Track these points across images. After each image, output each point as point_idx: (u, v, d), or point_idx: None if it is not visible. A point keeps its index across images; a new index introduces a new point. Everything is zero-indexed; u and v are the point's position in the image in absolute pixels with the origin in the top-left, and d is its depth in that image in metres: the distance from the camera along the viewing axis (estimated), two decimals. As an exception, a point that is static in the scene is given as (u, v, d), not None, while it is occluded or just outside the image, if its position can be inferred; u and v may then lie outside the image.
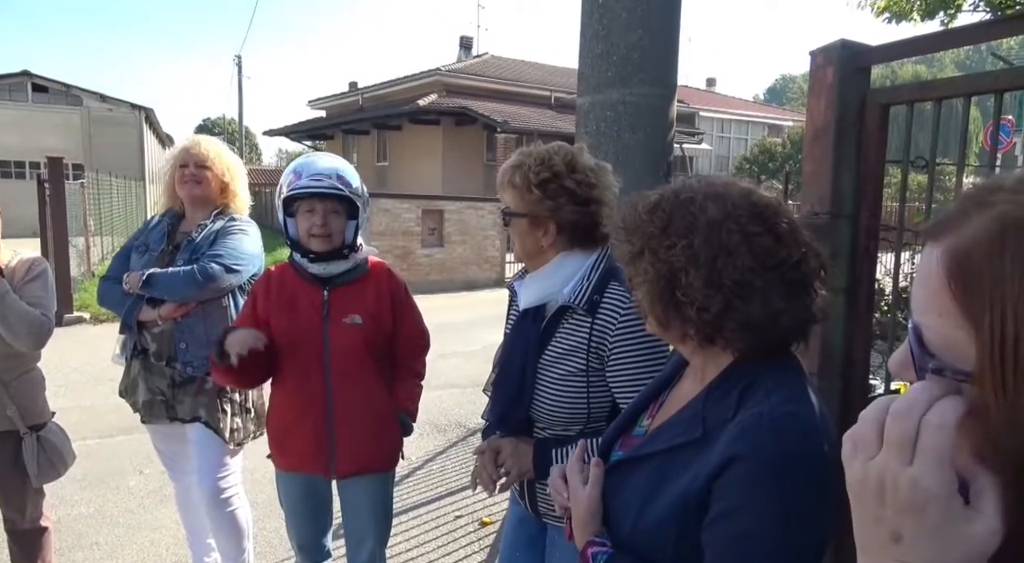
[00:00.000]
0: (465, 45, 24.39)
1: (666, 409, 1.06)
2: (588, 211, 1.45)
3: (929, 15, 4.39)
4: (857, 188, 1.73)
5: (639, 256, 0.96)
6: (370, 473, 2.06)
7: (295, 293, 2.02)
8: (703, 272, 0.88)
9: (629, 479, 0.99)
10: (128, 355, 2.41)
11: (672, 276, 0.91)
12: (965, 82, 1.45)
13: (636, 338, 1.38)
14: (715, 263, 0.88)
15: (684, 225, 0.91)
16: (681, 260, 0.90)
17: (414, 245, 11.85)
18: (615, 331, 1.39)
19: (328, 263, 1.99)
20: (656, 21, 2.40)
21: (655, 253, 0.93)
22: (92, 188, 11.66)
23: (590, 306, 1.42)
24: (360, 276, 2.05)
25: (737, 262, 0.87)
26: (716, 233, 0.89)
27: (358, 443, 2.00)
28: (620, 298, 1.40)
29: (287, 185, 1.94)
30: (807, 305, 0.90)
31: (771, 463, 0.82)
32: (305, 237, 1.95)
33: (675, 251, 0.90)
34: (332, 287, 2.01)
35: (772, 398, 0.87)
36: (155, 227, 2.48)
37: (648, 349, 1.39)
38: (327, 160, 2.00)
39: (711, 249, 0.88)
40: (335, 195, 1.94)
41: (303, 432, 2.00)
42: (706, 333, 0.91)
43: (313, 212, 1.93)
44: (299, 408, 2.00)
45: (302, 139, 26.03)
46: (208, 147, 2.45)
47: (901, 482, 0.46)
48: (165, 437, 2.52)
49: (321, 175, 1.93)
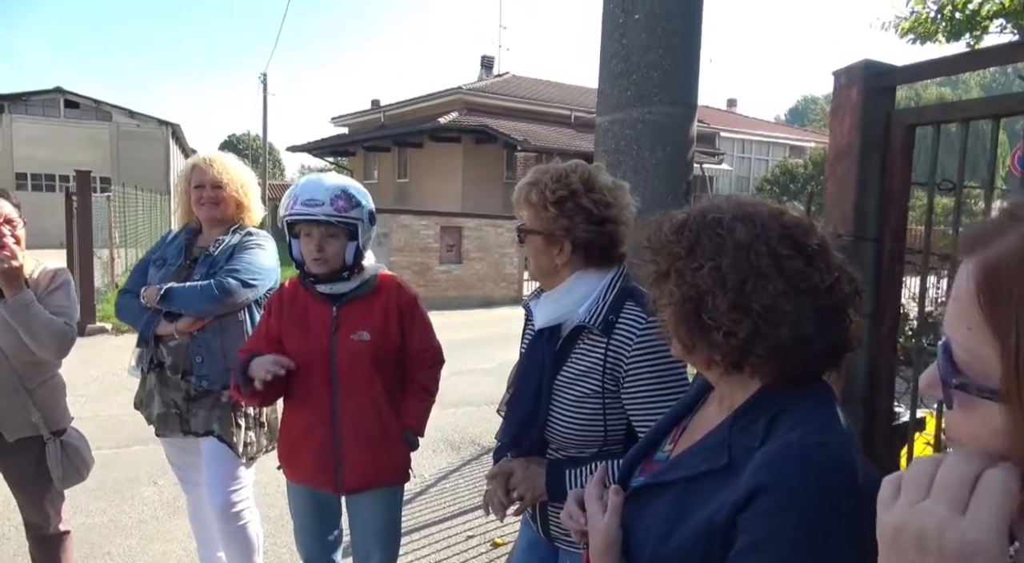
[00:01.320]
0: (486, 64, 24.62)
1: (689, 435, 1.03)
2: (604, 230, 1.43)
3: (955, 36, 4.33)
4: (881, 210, 1.70)
5: (664, 277, 0.93)
6: (377, 488, 2.05)
7: (306, 309, 2.03)
8: (731, 296, 0.85)
9: (650, 506, 0.95)
10: (144, 368, 2.42)
11: (699, 299, 0.88)
12: (993, 103, 1.42)
13: (652, 360, 1.36)
14: (743, 287, 0.85)
15: (711, 246, 0.88)
16: (708, 283, 0.87)
17: (432, 261, 11.89)
18: (631, 352, 1.37)
19: (333, 284, 2.00)
20: (677, 41, 2.40)
21: (681, 275, 0.90)
22: (118, 201, 11.88)
23: (605, 326, 1.40)
24: (369, 292, 2.05)
25: (767, 286, 0.84)
26: (744, 255, 0.86)
27: (364, 458, 1.99)
28: (636, 318, 1.38)
29: (286, 209, 1.94)
30: (840, 332, 0.87)
31: (799, 495, 0.78)
32: (308, 261, 1.97)
33: (702, 273, 0.87)
34: (341, 304, 2.01)
35: (802, 427, 0.83)
36: (173, 241, 2.51)
37: (665, 372, 1.36)
38: (324, 183, 1.96)
39: (739, 272, 0.86)
40: (318, 221, 1.92)
41: (310, 447, 2.00)
42: (733, 359, 0.88)
43: (310, 237, 1.94)
44: (307, 423, 2.01)
45: (324, 155, 26.35)
46: (223, 167, 2.44)
47: (950, 532, 0.44)
48: (178, 449, 2.53)
49: (314, 202, 1.91)
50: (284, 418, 2.12)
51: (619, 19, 2.44)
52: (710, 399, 1.05)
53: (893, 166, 1.67)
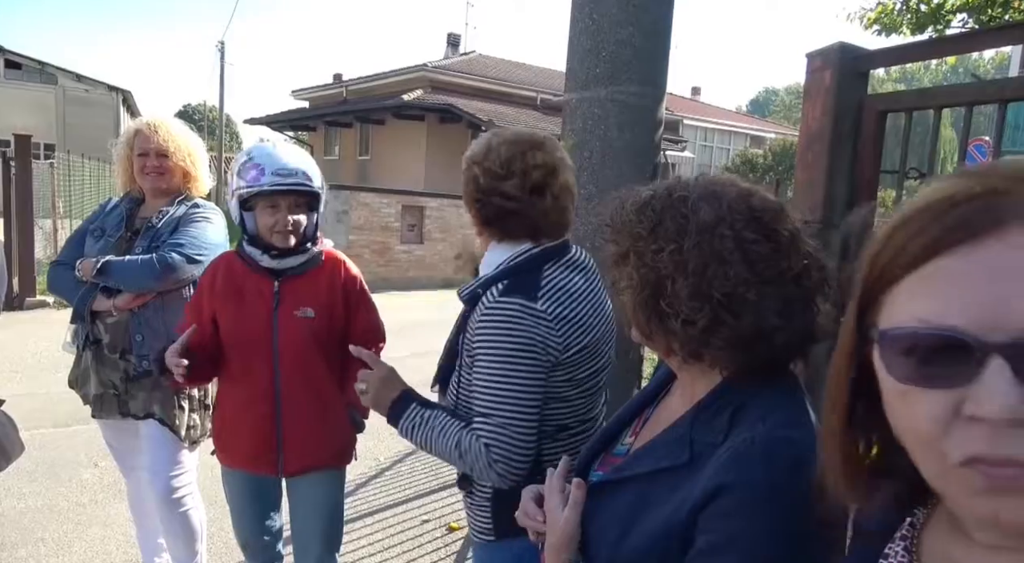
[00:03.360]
0: (453, 42, 24.22)
1: (651, 427, 0.98)
2: (489, 202, 1.36)
3: (920, 29, 4.40)
4: (851, 197, 1.67)
5: (624, 259, 0.87)
6: (319, 470, 1.98)
7: (243, 283, 1.92)
8: (691, 281, 0.80)
9: (609, 503, 0.90)
10: (79, 345, 2.27)
11: (658, 283, 0.82)
12: (968, 90, 1.40)
13: (485, 344, 1.28)
14: (705, 272, 0.79)
15: (674, 227, 0.82)
16: (668, 266, 0.81)
17: (393, 241, 11.70)
18: (474, 331, 1.31)
19: (282, 258, 1.90)
20: (648, 18, 2.33)
21: (641, 257, 0.84)
22: (63, 169, 11.33)
23: (471, 298, 1.36)
24: (313, 268, 1.97)
25: (729, 272, 0.79)
26: (708, 238, 0.80)
27: (307, 439, 1.92)
28: (489, 296, 1.31)
29: (248, 179, 1.82)
30: (807, 323, 0.82)
31: (761, 494, 0.74)
32: (267, 233, 1.86)
33: (662, 256, 0.81)
34: (284, 278, 1.92)
35: (766, 422, 0.79)
36: (112, 211, 2.35)
37: (496, 359, 1.26)
38: (287, 151, 1.90)
39: (701, 256, 0.80)
40: (299, 191, 1.85)
41: (249, 428, 1.91)
42: (691, 348, 0.83)
43: (276, 208, 1.84)
44: (246, 403, 1.91)
45: (284, 129, 25.63)
46: (168, 135, 2.29)
47: None
48: (116, 432, 2.39)
49: (287, 170, 1.82)
50: (220, 399, 2.00)
51: (590, -7, 2.36)
52: (673, 389, 1.00)
53: (864, 153, 1.64)
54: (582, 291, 1.37)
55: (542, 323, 1.27)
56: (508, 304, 1.27)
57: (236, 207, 1.87)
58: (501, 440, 1.25)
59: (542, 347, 1.26)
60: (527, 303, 1.27)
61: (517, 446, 1.25)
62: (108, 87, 24.57)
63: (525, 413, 1.26)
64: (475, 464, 1.26)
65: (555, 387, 1.31)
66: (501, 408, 1.25)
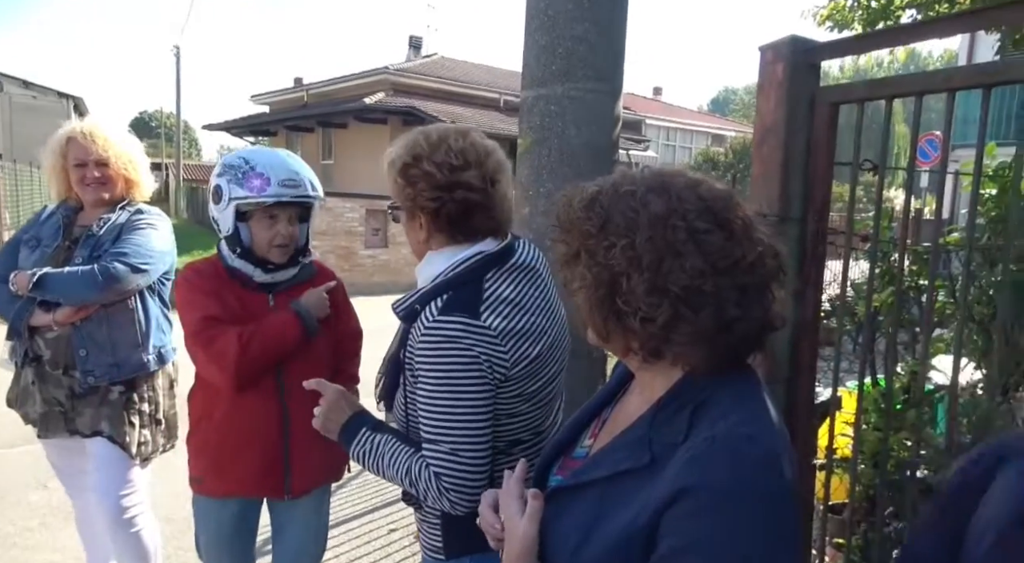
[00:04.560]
0: (414, 45, 24.06)
1: (610, 428, 0.95)
2: (451, 197, 1.25)
3: (870, 24, 4.51)
4: (806, 190, 1.67)
5: (575, 258, 0.84)
6: (317, 487, 1.91)
7: (239, 301, 1.78)
8: (646, 276, 0.77)
9: (568, 509, 0.87)
10: (18, 361, 2.16)
11: (612, 281, 0.79)
12: (918, 80, 1.40)
13: (427, 364, 1.19)
14: (660, 266, 0.77)
15: (624, 222, 0.79)
16: (622, 263, 0.78)
17: (357, 245, 11.57)
18: (414, 351, 1.21)
19: (278, 271, 1.81)
20: (603, 14, 2.31)
21: (592, 255, 0.81)
22: (9, 179, 10.95)
23: (408, 314, 1.25)
24: (306, 280, 1.88)
25: (685, 264, 0.76)
26: (660, 231, 0.77)
27: (314, 457, 1.82)
28: (428, 315, 1.21)
29: (252, 189, 1.69)
30: (764, 310, 0.80)
31: (724, 495, 0.71)
32: (265, 247, 1.76)
33: (614, 252, 0.78)
34: (277, 292, 1.82)
35: (727, 419, 0.76)
36: (48, 219, 2.23)
37: (439, 381, 1.17)
38: (295, 161, 1.81)
39: (655, 250, 0.77)
40: (298, 202, 1.76)
41: (253, 452, 1.79)
42: (652, 347, 0.80)
43: (275, 220, 1.75)
44: (249, 426, 1.78)
45: (244, 134, 25.17)
46: (107, 143, 2.17)
47: None
48: (62, 451, 2.28)
49: (294, 181, 1.73)
50: (216, 425, 1.81)
51: (544, -11, 2.33)
52: (631, 389, 0.97)
53: (818, 145, 1.64)
54: (530, 298, 1.28)
55: (486, 340, 1.18)
56: (448, 323, 1.18)
57: (231, 217, 1.74)
58: (451, 468, 1.17)
59: (487, 366, 1.18)
60: (469, 320, 1.18)
61: (468, 473, 1.18)
62: (58, 94, 23.73)
63: (474, 437, 1.18)
64: (427, 493, 1.20)
65: (505, 403, 1.24)
66: (448, 434, 1.17)
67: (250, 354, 1.68)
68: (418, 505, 1.35)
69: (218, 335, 1.70)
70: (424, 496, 1.21)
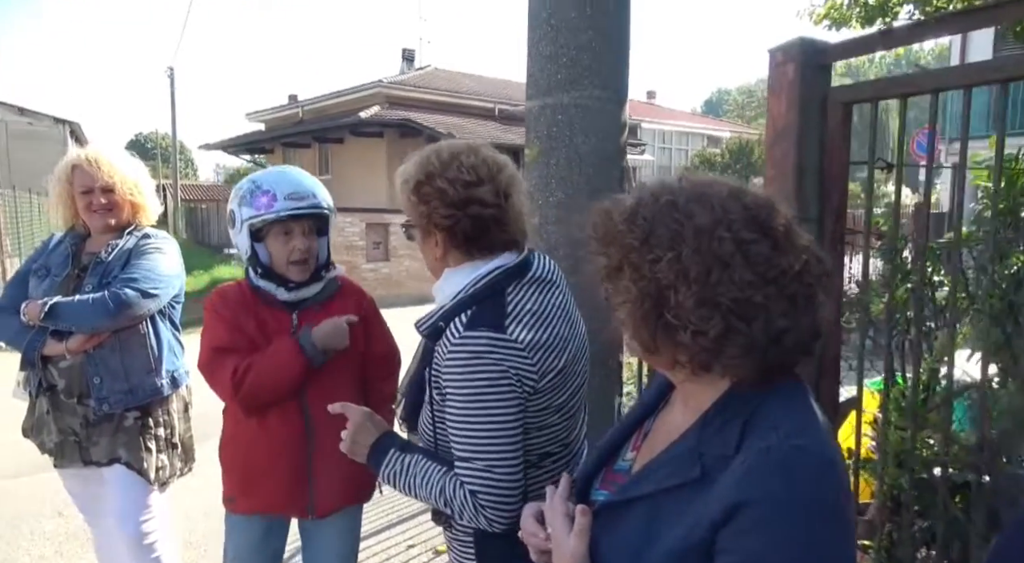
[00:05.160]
0: (408, 57, 24.13)
1: (652, 441, 0.93)
2: (466, 213, 1.24)
3: (869, 22, 4.52)
4: (821, 190, 1.67)
5: (617, 272, 0.82)
6: (344, 508, 1.89)
7: (263, 321, 1.78)
8: (695, 289, 0.75)
9: (617, 525, 0.85)
10: (32, 392, 2.14)
11: (659, 295, 0.78)
12: (933, 77, 1.40)
13: (457, 381, 1.18)
14: (708, 278, 0.75)
15: (668, 235, 0.78)
16: (669, 277, 0.77)
17: (359, 260, 11.57)
18: (443, 368, 1.20)
19: (299, 289, 1.80)
20: (606, 21, 2.31)
21: (637, 269, 0.79)
22: (8, 206, 10.96)
23: (432, 332, 1.24)
24: (330, 296, 1.87)
25: (733, 276, 0.75)
26: (706, 243, 0.76)
27: (339, 477, 1.81)
28: (454, 331, 1.20)
29: (261, 207, 1.71)
30: (812, 318, 0.78)
31: (782, 508, 0.70)
32: (283, 264, 1.76)
33: (660, 266, 0.77)
34: (301, 310, 1.81)
35: (778, 430, 0.75)
36: (56, 248, 2.22)
37: (470, 397, 1.17)
38: (299, 174, 1.81)
39: (702, 262, 0.76)
40: (311, 214, 1.76)
41: (279, 470, 1.79)
42: (702, 360, 0.78)
43: (290, 235, 1.75)
44: (275, 444, 1.78)
45: (240, 153, 25.20)
46: (112, 168, 2.16)
47: None
48: (80, 480, 2.26)
49: (299, 194, 1.74)
50: (243, 445, 1.83)
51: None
52: (672, 400, 0.96)
53: (832, 145, 1.64)
54: (552, 309, 1.27)
55: (514, 353, 1.17)
56: (475, 338, 1.17)
57: (247, 238, 1.75)
58: (487, 485, 1.16)
59: (517, 380, 1.17)
60: (495, 334, 1.17)
61: (504, 489, 1.16)
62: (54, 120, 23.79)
63: (508, 453, 1.17)
64: (463, 511, 1.18)
65: (534, 416, 1.22)
66: (482, 451, 1.16)
67: (244, 389, 1.69)
68: (448, 524, 1.33)
69: (218, 368, 1.72)
70: (460, 514, 1.20)
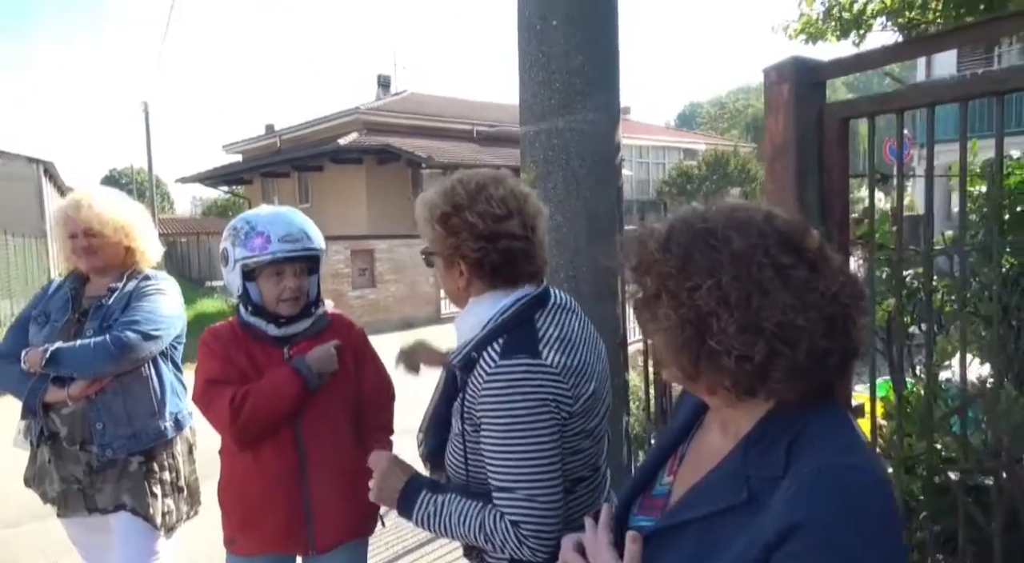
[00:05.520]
0: (383, 83, 24.28)
1: (690, 464, 0.94)
2: (496, 247, 1.25)
3: (844, 35, 4.65)
4: (822, 204, 1.70)
5: (655, 300, 0.83)
6: (347, 542, 1.87)
7: (253, 356, 1.81)
8: (737, 315, 0.76)
9: (667, 551, 0.85)
10: (33, 440, 2.10)
11: (700, 322, 0.79)
12: (928, 91, 1.44)
13: (496, 410, 1.17)
14: (749, 303, 0.76)
15: (706, 262, 0.79)
16: (710, 303, 0.77)
17: (345, 287, 11.50)
18: (479, 398, 1.20)
19: (289, 325, 1.83)
20: (597, 46, 2.36)
21: (675, 296, 0.80)
22: (-15, 248, 10.75)
23: (465, 363, 1.25)
24: (321, 331, 1.89)
25: (775, 300, 0.76)
26: (745, 269, 0.77)
27: (337, 511, 1.82)
28: (489, 360, 1.20)
29: (256, 249, 1.74)
30: (850, 339, 0.80)
31: (837, 528, 0.70)
32: (273, 302, 1.79)
33: (700, 293, 0.78)
34: (292, 345, 1.83)
35: (826, 450, 0.76)
36: (56, 293, 2.19)
37: (510, 425, 1.16)
38: (293, 216, 1.85)
39: (742, 288, 0.76)
40: (301, 255, 1.79)
41: (276, 505, 1.79)
42: (747, 384, 0.79)
43: (282, 276, 1.78)
44: (271, 482, 1.79)
45: (218, 184, 25.11)
46: (91, 212, 2.13)
47: None
48: (84, 529, 2.21)
49: (293, 236, 1.78)
50: (239, 483, 1.83)
51: (536, 26, 2.37)
52: (707, 423, 0.96)
53: (830, 160, 1.67)
54: (577, 335, 1.28)
55: (551, 379, 1.18)
56: (512, 366, 1.17)
57: (238, 277, 1.78)
58: (529, 514, 1.15)
59: (555, 405, 1.17)
60: (532, 360, 1.18)
61: (547, 517, 1.16)
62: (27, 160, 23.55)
63: (549, 479, 1.17)
64: (504, 544, 1.17)
65: (569, 441, 1.23)
66: (524, 479, 1.16)
67: (243, 415, 1.70)
68: (481, 559, 1.32)
69: (214, 398, 1.74)
70: (501, 548, 1.19)
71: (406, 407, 2.07)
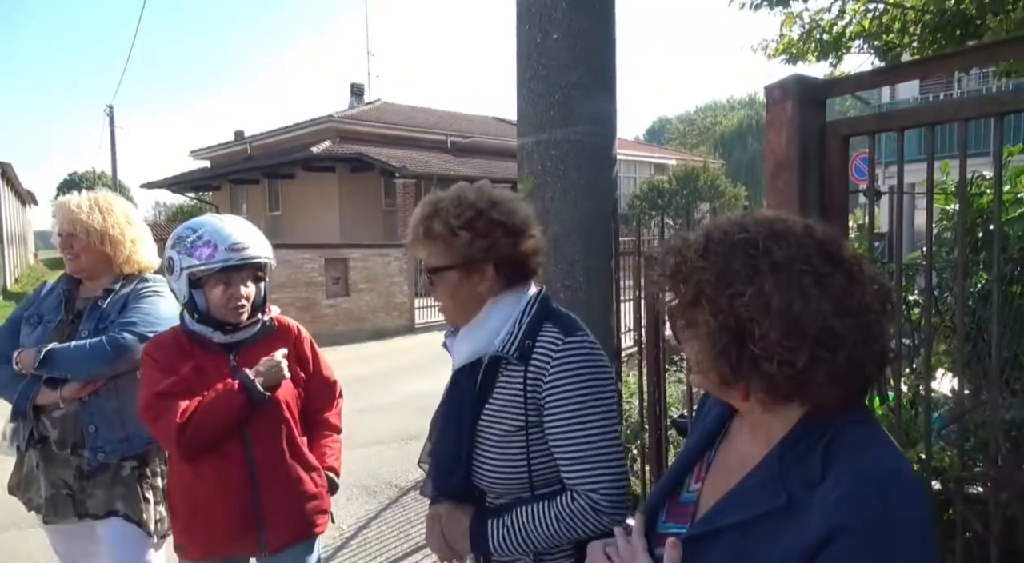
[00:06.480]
0: (356, 92, 24.17)
1: (720, 470, 0.95)
2: (525, 242, 1.35)
3: (823, 56, 4.80)
4: (823, 219, 1.75)
5: (693, 306, 0.85)
6: (299, 542, 1.90)
7: (199, 364, 1.82)
8: (779, 322, 0.79)
9: (704, 556, 0.86)
10: (21, 445, 2.04)
11: (739, 328, 0.81)
12: (929, 111, 1.51)
13: (572, 383, 1.25)
14: (790, 310, 0.79)
15: (746, 270, 0.81)
16: (751, 310, 0.80)
17: (318, 296, 11.35)
18: (548, 376, 1.26)
19: (235, 332, 1.85)
20: (595, 59, 2.41)
21: (714, 303, 0.82)
22: (-58, 251, 10.38)
23: (522, 353, 1.29)
24: (266, 337, 1.92)
25: (815, 307, 0.79)
26: (785, 277, 0.80)
27: (288, 511, 1.85)
28: (553, 339, 1.28)
29: (201, 257, 1.75)
30: (883, 345, 0.83)
31: (881, 531, 0.73)
32: (220, 310, 1.81)
33: (743, 300, 0.80)
34: (238, 352, 1.86)
35: (865, 454, 0.79)
36: (49, 294, 2.15)
37: (586, 396, 1.25)
38: (239, 225, 1.86)
39: (783, 295, 0.79)
40: (248, 264, 1.81)
41: (224, 510, 1.80)
42: (786, 390, 0.81)
43: (229, 285, 1.80)
44: (218, 484, 1.80)
45: (185, 191, 24.61)
46: (69, 218, 2.08)
47: None
48: (68, 537, 2.14)
49: (241, 245, 1.79)
50: (185, 488, 1.84)
51: (536, 39, 2.41)
52: (735, 430, 0.98)
53: (831, 176, 1.73)
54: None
55: (603, 355, 1.30)
56: (580, 342, 1.28)
57: (185, 285, 1.79)
58: (606, 479, 1.23)
59: (612, 378, 1.31)
60: (589, 338, 1.29)
61: (622, 481, 1.25)
62: (-16, 160, 22.79)
63: (618, 447, 1.26)
64: (584, 523, 1.23)
65: None
66: (599, 447, 1.24)
67: (189, 430, 1.72)
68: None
69: (162, 412, 1.74)
70: (582, 528, 1.23)
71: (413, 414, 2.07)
